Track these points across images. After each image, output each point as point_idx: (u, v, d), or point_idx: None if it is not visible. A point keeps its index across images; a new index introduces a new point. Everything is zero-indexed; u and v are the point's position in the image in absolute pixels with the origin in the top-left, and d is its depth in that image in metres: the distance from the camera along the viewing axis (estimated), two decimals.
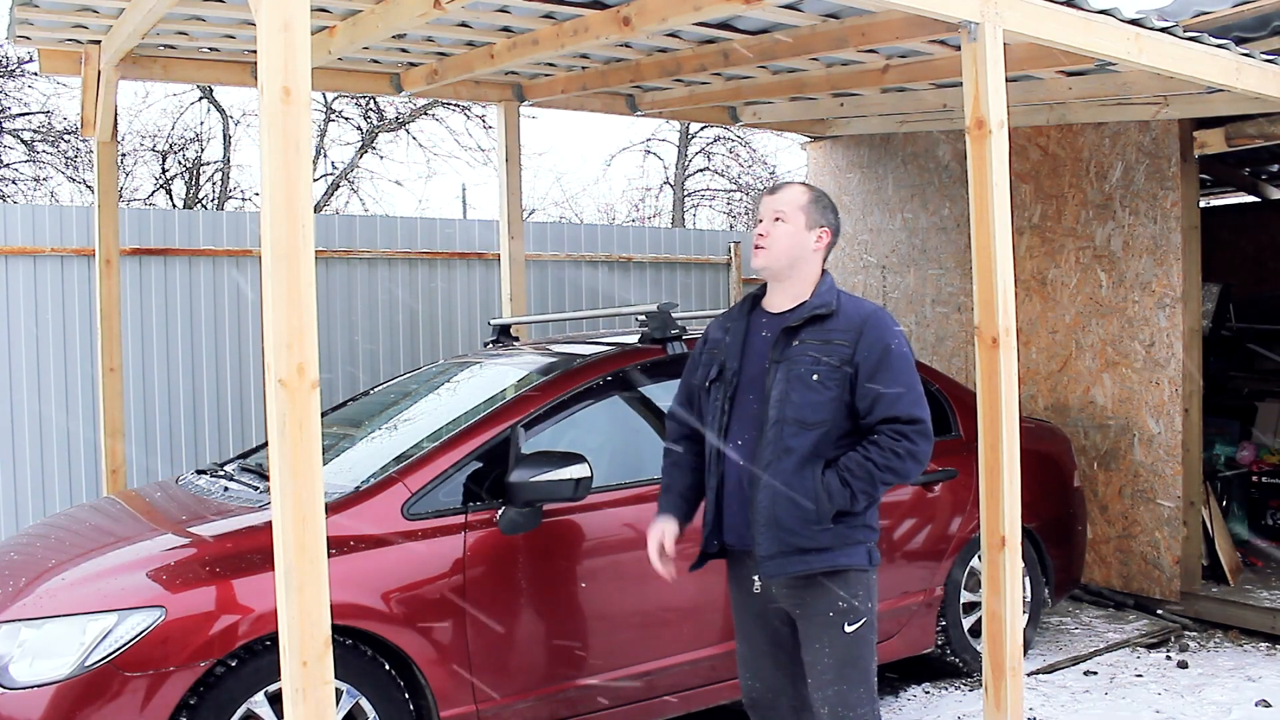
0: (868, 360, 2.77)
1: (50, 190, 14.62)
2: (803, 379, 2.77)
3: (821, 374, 2.76)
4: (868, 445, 2.77)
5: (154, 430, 6.14)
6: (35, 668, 2.91)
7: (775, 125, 7.56)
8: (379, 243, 6.82)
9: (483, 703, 3.38)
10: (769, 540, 2.77)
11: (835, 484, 2.74)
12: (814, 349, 2.79)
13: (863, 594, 2.82)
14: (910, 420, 2.76)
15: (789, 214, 2.89)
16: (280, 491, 2.34)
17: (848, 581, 2.80)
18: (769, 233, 2.88)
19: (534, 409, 3.73)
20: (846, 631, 2.79)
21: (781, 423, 2.76)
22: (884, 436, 2.76)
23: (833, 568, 2.77)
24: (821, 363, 2.77)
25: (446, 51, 5.26)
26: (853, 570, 2.80)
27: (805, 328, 2.83)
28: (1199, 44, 4.16)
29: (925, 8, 3.36)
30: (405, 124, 15.72)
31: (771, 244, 2.88)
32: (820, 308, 2.84)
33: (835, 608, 2.79)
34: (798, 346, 2.81)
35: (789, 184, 3.00)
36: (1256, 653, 5.10)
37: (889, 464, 2.75)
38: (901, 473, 2.78)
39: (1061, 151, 6.02)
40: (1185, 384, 5.53)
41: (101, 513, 3.90)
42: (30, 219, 5.87)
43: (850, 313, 2.84)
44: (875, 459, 2.74)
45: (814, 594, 2.80)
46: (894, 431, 2.76)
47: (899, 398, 2.76)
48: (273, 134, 2.34)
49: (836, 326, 2.81)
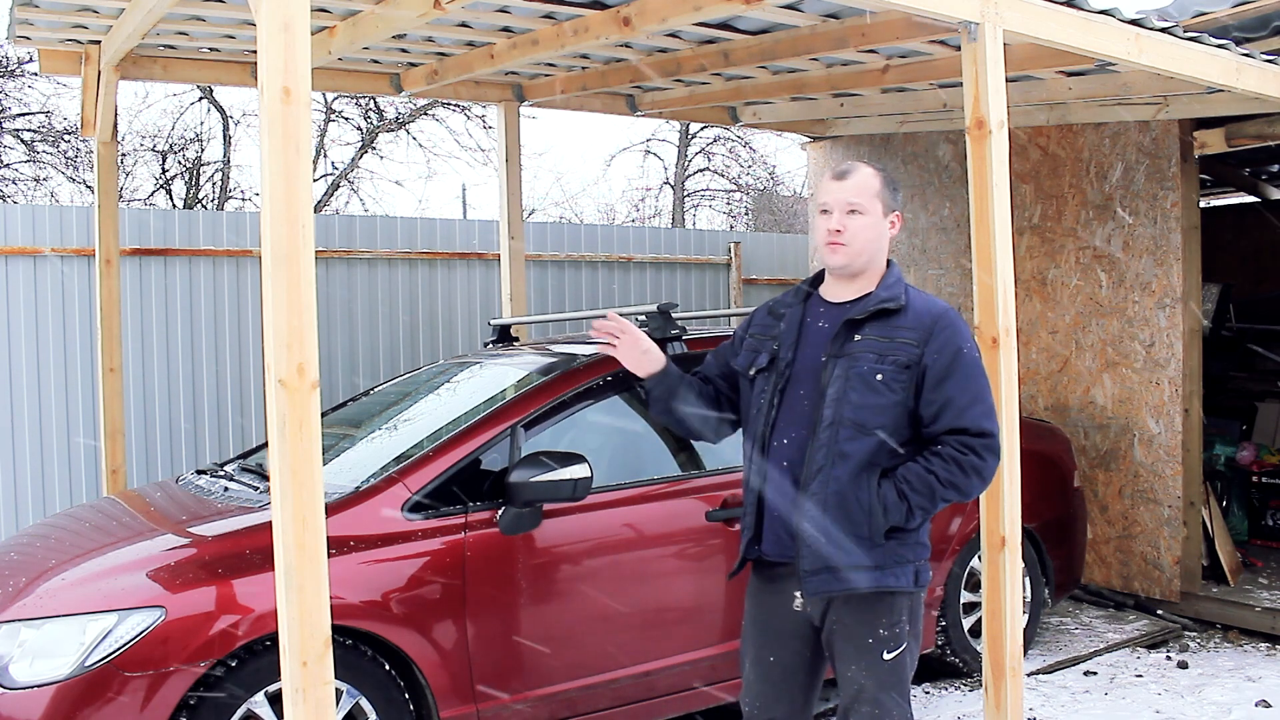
0: (937, 364, 2.52)
1: (50, 190, 14.63)
2: (864, 378, 2.52)
3: (886, 374, 2.52)
4: (930, 456, 2.52)
5: (154, 430, 6.14)
6: (35, 668, 2.91)
7: (775, 125, 7.56)
8: (379, 243, 6.82)
9: (483, 703, 3.38)
10: (815, 554, 2.52)
11: (892, 497, 2.50)
12: (877, 346, 2.54)
13: (905, 619, 2.60)
14: (980, 433, 2.51)
15: (865, 204, 2.61)
16: (280, 491, 2.34)
17: (892, 607, 2.57)
18: (845, 228, 2.59)
19: (534, 409, 3.73)
20: (885, 659, 2.57)
21: (837, 424, 2.52)
22: (948, 448, 2.51)
23: (879, 588, 2.54)
24: (886, 361, 2.52)
25: (446, 51, 5.26)
26: (899, 594, 2.57)
27: (869, 322, 2.57)
28: (1199, 44, 4.16)
29: (925, 8, 3.36)
30: (405, 124, 15.72)
31: (851, 240, 2.59)
32: (888, 301, 2.58)
33: (876, 634, 2.57)
34: (859, 342, 2.56)
35: (857, 168, 2.67)
36: (1256, 653, 5.10)
37: (952, 479, 2.50)
38: (965, 490, 2.52)
39: (1061, 151, 6.02)
40: (1185, 384, 5.53)
41: (101, 513, 3.90)
42: (30, 219, 5.87)
43: (920, 310, 2.58)
44: (938, 472, 2.49)
45: (854, 616, 2.58)
46: (960, 444, 2.51)
47: (968, 407, 2.51)
48: (273, 134, 2.34)
49: (905, 324, 2.56)
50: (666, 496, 3.80)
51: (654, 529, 3.77)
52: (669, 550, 3.78)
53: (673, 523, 3.79)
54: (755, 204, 21.14)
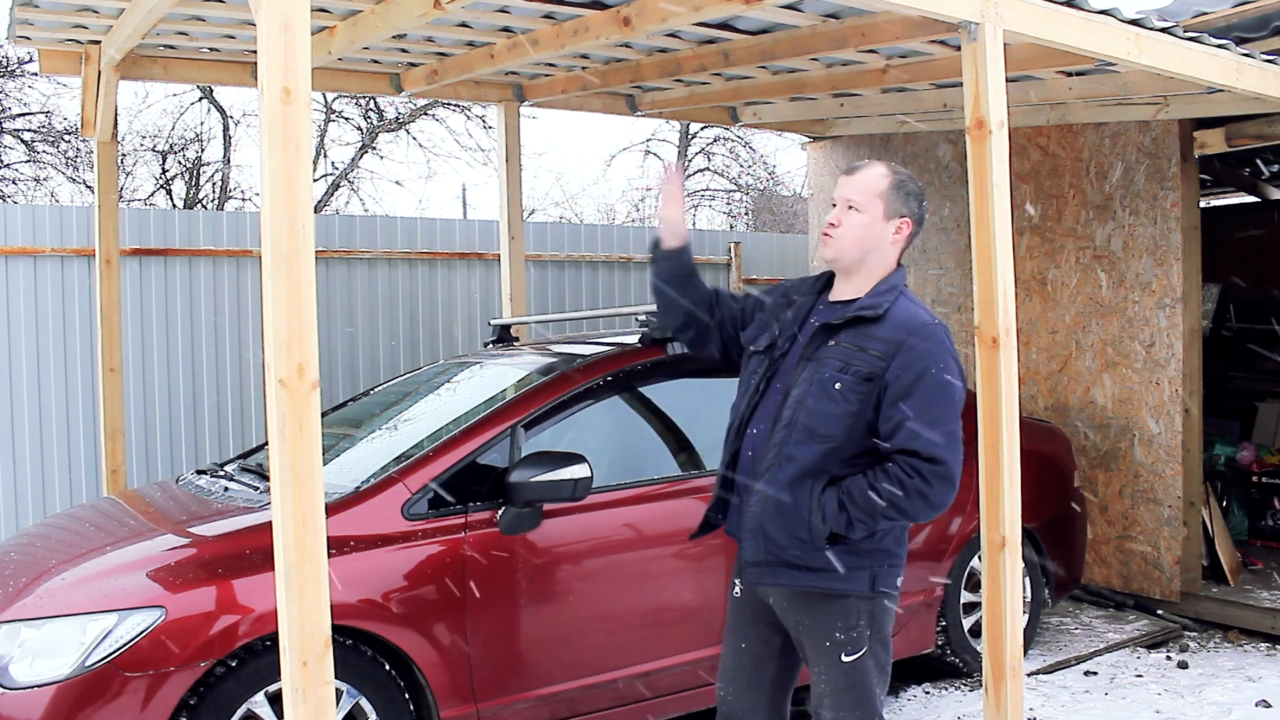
0: (899, 381, 2.46)
1: (50, 190, 14.63)
2: (823, 385, 2.50)
3: (845, 384, 2.49)
4: (877, 472, 2.48)
5: (154, 430, 6.14)
6: (35, 668, 2.91)
7: (775, 125, 7.56)
8: (379, 243, 6.82)
9: (483, 702, 3.38)
10: (754, 547, 2.57)
11: (832, 506, 2.48)
12: (845, 354, 2.52)
13: (864, 623, 2.56)
14: (930, 459, 2.43)
15: (864, 202, 2.59)
16: (280, 491, 2.34)
17: (846, 609, 2.55)
18: (840, 221, 2.60)
19: (534, 409, 3.73)
20: (843, 661, 2.56)
21: (791, 426, 2.52)
22: (896, 467, 2.46)
23: (824, 590, 2.53)
24: (849, 371, 2.49)
25: (446, 52, 5.26)
26: (851, 596, 2.54)
27: (846, 328, 2.55)
28: (1199, 44, 4.16)
29: (925, 8, 3.36)
30: (405, 124, 15.72)
31: (840, 235, 2.60)
32: (866, 309, 2.54)
33: (832, 637, 2.56)
34: (831, 348, 2.54)
35: (869, 165, 2.65)
36: (1256, 653, 5.10)
37: (894, 500, 2.45)
38: (908, 512, 2.48)
39: (1061, 151, 6.02)
40: (1185, 384, 5.53)
41: (101, 513, 3.90)
42: (30, 219, 5.87)
43: (897, 323, 2.51)
44: (880, 489, 2.45)
45: (812, 614, 2.58)
46: (909, 466, 2.45)
47: (922, 430, 2.43)
48: (273, 134, 2.34)
49: (878, 335, 2.51)
50: (666, 496, 3.80)
51: (654, 529, 3.77)
52: (669, 550, 3.78)
53: (673, 523, 3.79)
54: (755, 204, 21.14)
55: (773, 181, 20.70)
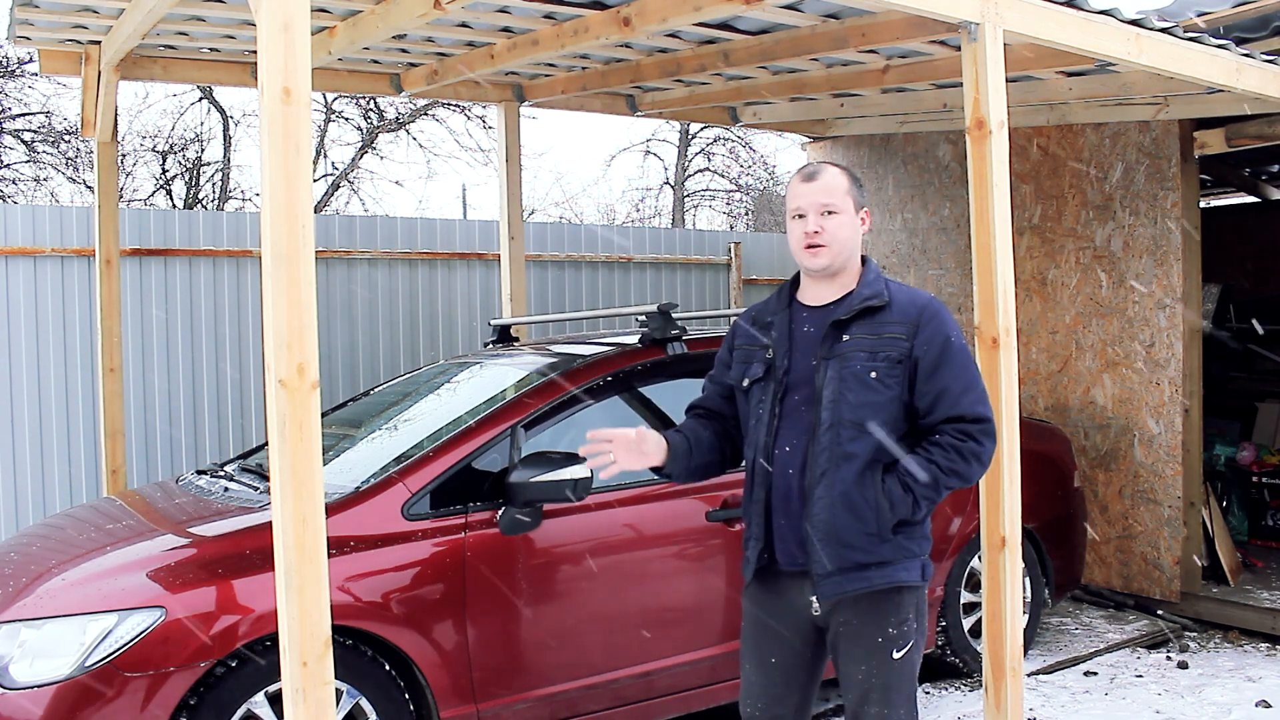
0: (928, 355, 2.53)
1: (50, 190, 14.64)
2: (859, 377, 2.52)
3: (880, 371, 2.53)
4: (929, 447, 2.53)
5: (154, 430, 6.13)
6: (35, 668, 2.91)
7: (775, 125, 7.57)
8: (379, 243, 6.82)
9: (483, 703, 3.38)
10: (829, 556, 2.52)
11: (898, 491, 2.51)
12: (867, 344, 2.54)
13: (913, 615, 2.60)
14: (976, 419, 2.53)
15: (838, 203, 2.61)
16: (280, 492, 2.34)
17: (901, 603, 2.58)
18: (824, 229, 2.59)
19: (534, 409, 3.73)
20: (894, 658, 2.57)
21: (838, 426, 2.52)
22: (947, 437, 2.52)
23: (892, 584, 2.55)
24: (879, 358, 2.53)
25: (446, 52, 5.26)
26: (908, 588, 2.58)
27: (856, 321, 2.57)
28: (1199, 44, 4.16)
29: (925, 8, 3.36)
30: (405, 124, 15.72)
31: (831, 240, 2.59)
32: (872, 299, 2.58)
33: (885, 634, 2.57)
34: (849, 341, 2.55)
35: (825, 168, 2.67)
36: (1256, 653, 5.10)
37: (953, 466, 2.51)
38: (966, 476, 2.54)
39: (1061, 152, 6.02)
40: (1185, 384, 5.53)
41: (101, 513, 3.90)
42: (30, 219, 5.87)
43: (904, 303, 2.59)
44: (939, 461, 2.51)
45: (862, 617, 2.57)
46: (958, 431, 2.52)
47: (962, 394, 2.53)
48: (273, 134, 2.34)
49: (891, 319, 2.56)
50: (666, 497, 3.80)
51: (654, 529, 3.77)
52: (669, 550, 3.78)
53: (673, 523, 3.79)
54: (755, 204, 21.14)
55: (773, 181, 20.71)
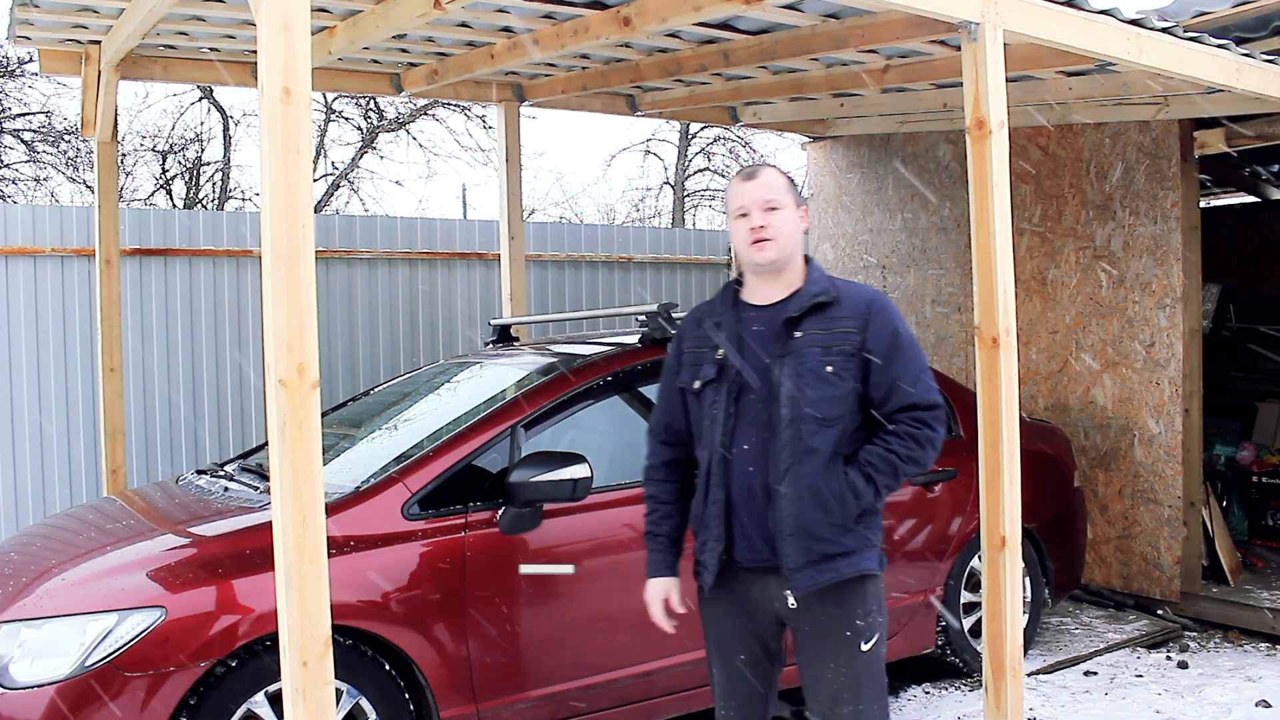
0: (879, 347, 2.60)
1: (50, 190, 14.63)
2: (815, 372, 2.57)
3: (836, 365, 2.58)
4: (887, 436, 2.61)
5: (154, 430, 6.14)
6: (35, 668, 2.91)
7: (775, 125, 7.56)
8: (379, 243, 6.82)
9: (483, 702, 3.38)
10: (798, 550, 2.56)
11: (860, 481, 2.58)
12: (820, 339, 2.60)
13: (876, 606, 2.67)
14: (929, 406, 2.62)
15: (780, 199, 2.66)
16: (280, 491, 2.34)
17: (865, 593, 2.63)
18: (769, 224, 2.64)
19: (534, 409, 3.73)
20: (863, 650, 2.63)
21: (798, 421, 2.56)
22: (903, 425, 2.61)
23: (858, 572, 2.61)
24: (833, 352, 2.59)
25: (446, 52, 5.26)
26: (869, 577, 2.64)
27: (807, 317, 2.62)
28: (1199, 44, 4.16)
29: (925, 8, 3.36)
30: (405, 124, 15.71)
31: (777, 234, 2.64)
32: (821, 295, 2.64)
33: (853, 626, 2.62)
34: (801, 338, 2.60)
35: (762, 168, 2.73)
36: (1256, 653, 5.10)
37: (911, 454, 2.60)
38: (922, 462, 2.64)
39: (1061, 151, 6.02)
40: (1185, 384, 5.53)
41: (101, 513, 3.90)
42: (30, 219, 5.87)
43: (853, 297, 2.66)
44: (898, 450, 2.59)
45: (831, 609, 2.61)
46: (913, 419, 2.61)
47: (915, 383, 2.61)
48: (273, 134, 2.34)
49: (841, 314, 2.62)
50: None
51: None
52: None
53: None
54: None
55: None
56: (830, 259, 7.43)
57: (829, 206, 7.49)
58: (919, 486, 4.41)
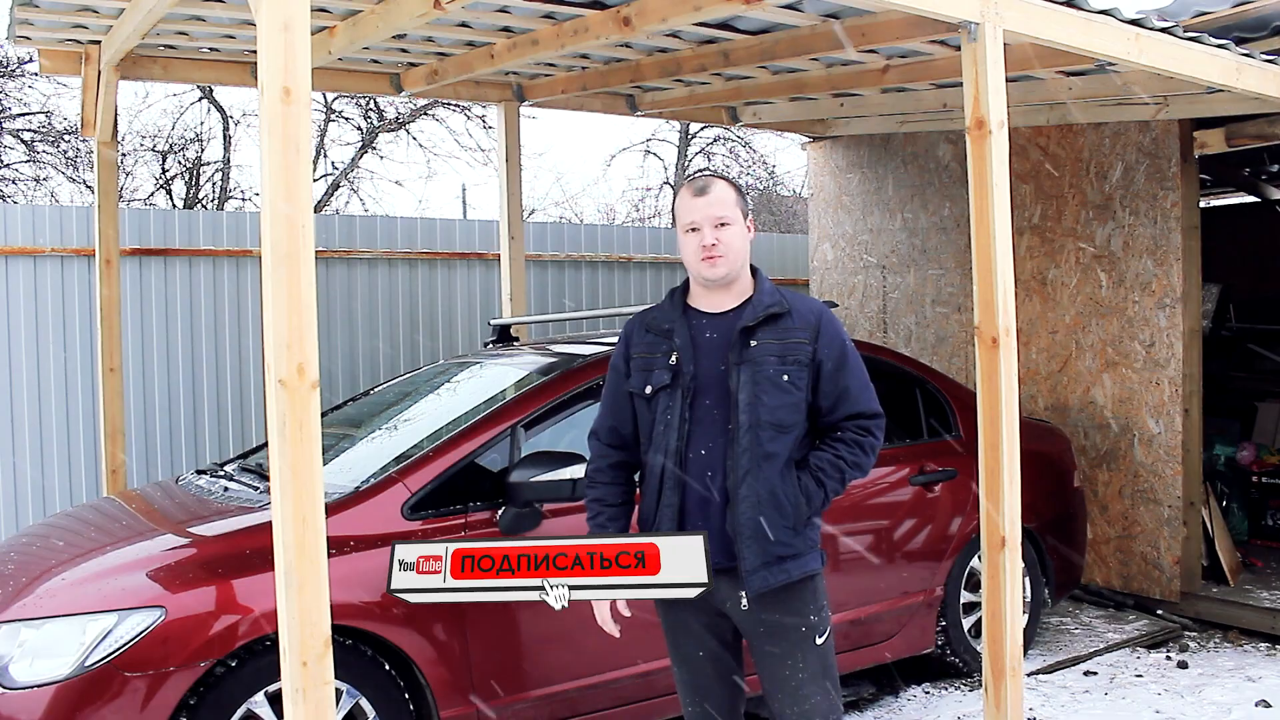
0: (829, 358, 2.71)
1: (50, 190, 14.63)
2: (772, 380, 2.66)
3: (791, 374, 2.68)
4: (834, 443, 2.74)
5: (154, 430, 6.14)
6: (35, 668, 2.91)
7: (775, 125, 7.56)
8: (379, 243, 6.82)
9: (483, 702, 3.38)
10: (754, 552, 2.64)
11: (812, 485, 2.69)
12: (775, 348, 2.69)
13: (824, 601, 2.78)
14: (873, 414, 2.76)
15: (729, 214, 2.71)
16: (280, 491, 2.34)
17: (815, 591, 2.74)
18: (721, 240, 2.69)
19: (534, 409, 3.73)
20: (818, 644, 2.74)
21: (756, 427, 2.64)
22: (849, 433, 2.74)
23: (806, 573, 2.71)
24: (788, 361, 2.68)
25: (446, 52, 5.26)
26: (816, 576, 2.75)
27: (761, 327, 2.70)
28: (1199, 44, 4.16)
29: (925, 8, 3.36)
30: (405, 124, 15.71)
31: (727, 250, 2.69)
32: (774, 306, 2.72)
33: (807, 622, 2.72)
34: (757, 347, 2.68)
35: (713, 182, 2.76)
36: (1256, 653, 5.10)
37: (856, 460, 2.74)
38: (865, 467, 2.78)
39: (1061, 151, 6.02)
40: (1185, 384, 5.53)
41: (101, 513, 3.90)
42: (30, 219, 5.87)
43: (804, 310, 2.76)
44: (845, 456, 2.72)
45: (784, 609, 2.71)
46: (858, 427, 2.74)
47: (860, 392, 2.75)
48: (273, 134, 2.34)
49: (793, 325, 2.72)
50: None
51: None
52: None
53: None
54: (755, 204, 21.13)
55: (773, 181, 20.71)
56: (830, 259, 7.43)
57: (829, 206, 7.49)
58: (919, 486, 4.41)
